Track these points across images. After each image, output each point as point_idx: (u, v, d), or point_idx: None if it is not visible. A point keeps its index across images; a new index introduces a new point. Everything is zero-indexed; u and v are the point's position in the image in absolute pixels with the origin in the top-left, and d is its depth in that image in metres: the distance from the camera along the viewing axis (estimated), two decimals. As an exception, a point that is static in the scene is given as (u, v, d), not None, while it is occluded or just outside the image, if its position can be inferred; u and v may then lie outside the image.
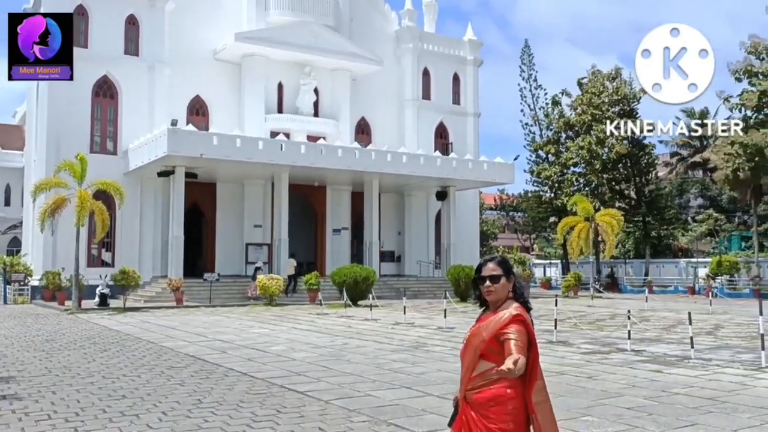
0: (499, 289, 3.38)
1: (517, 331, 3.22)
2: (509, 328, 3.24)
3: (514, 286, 3.41)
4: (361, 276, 25.05)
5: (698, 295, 35.41)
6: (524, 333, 3.24)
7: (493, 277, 3.39)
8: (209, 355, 11.95)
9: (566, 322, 18.40)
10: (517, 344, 3.18)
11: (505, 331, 3.24)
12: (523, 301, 3.39)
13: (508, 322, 3.27)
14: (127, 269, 24.03)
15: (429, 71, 39.65)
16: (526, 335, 3.25)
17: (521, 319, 3.27)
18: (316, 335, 15.18)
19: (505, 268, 3.42)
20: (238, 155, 27.55)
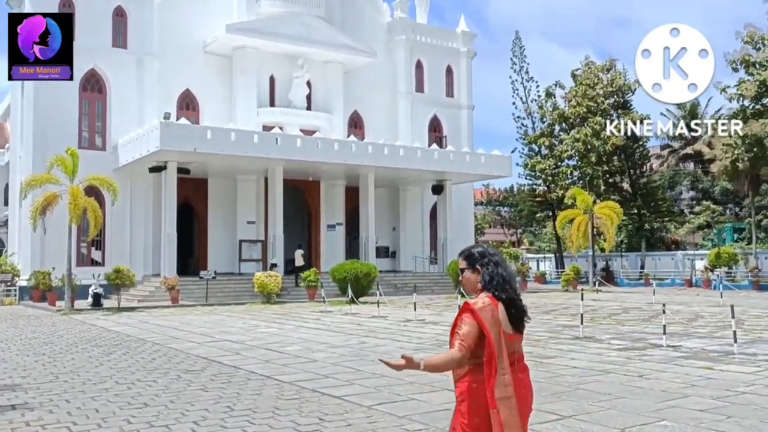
0: (465, 281, 3.38)
1: (466, 323, 3.15)
2: (460, 318, 3.20)
3: (482, 277, 3.31)
4: (362, 272, 24.43)
5: (696, 288, 35.20)
6: (473, 324, 3.13)
7: (461, 269, 3.41)
8: (223, 356, 11.28)
9: (579, 317, 17.90)
10: (459, 339, 3.13)
11: (458, 322, 3.19)
12: (493, 292, 3.25)
13: (460, 312, 3.22)
14: (122, 268, 23.23)
15: (422, 63, 39.04)
16: (476, 326, 3.13)
17: (470, 309, 3.17)
18: (328, 334, 14.54)
19: (470, 260, 3.37)
20: (233, 149, 26.78)
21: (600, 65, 42.96)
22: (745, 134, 32.23)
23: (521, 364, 3.31)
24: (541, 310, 20.61)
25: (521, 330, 3.32)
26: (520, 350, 3.36)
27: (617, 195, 42.69)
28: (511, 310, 3.25)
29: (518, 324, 3.28)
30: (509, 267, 3.42)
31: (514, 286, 3.37)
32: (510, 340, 3.21)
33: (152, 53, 31.04)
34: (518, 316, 3.28)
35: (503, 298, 3.24)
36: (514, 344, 3.26)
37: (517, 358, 3.29)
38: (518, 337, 3.30)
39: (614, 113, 42.63)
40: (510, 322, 3.23)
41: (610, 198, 40.53)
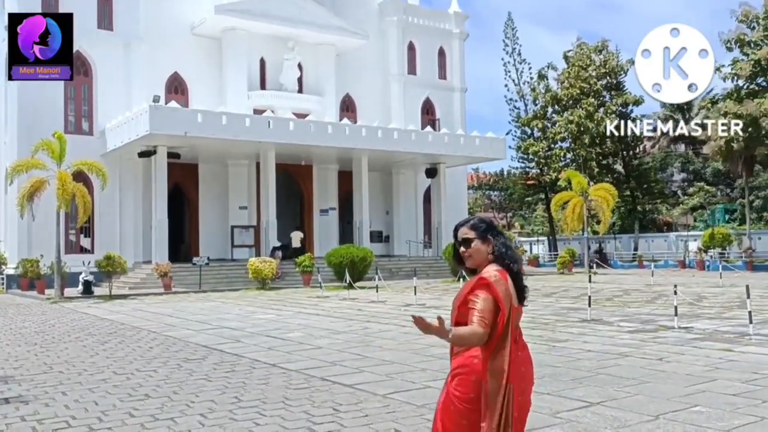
0: (474, 253, 3.17)
1: (482, 298, 3.00)
2: (474, 294, 3.03)
3: (493, 248, 3.14)
4: (358, 257, 24.06)
5: (690, 269, 35.16)
6: (489, 299, 2.99)
7: (465, 240, 3.18)
8: (223, 344, 10.90)
9: (581, 300, 17.67)
10: (478, 314, 2.97)
11: (471, 297, 3.04)
12: (505, 264, 3.12)
13: (473, 287, 3.06)
14: (113, 254, 22.72)
15: (414, 45, 38.53)
16: (492, 301, 3.00)
17: (485, 282, 3.02)
18: (329, 320, 14.18)
19: (479, 230, 3.18)
20: (224, 133, 26.26)
21: (592, 46, 42.62)
22: (741, 114, 32.04)
23: (522, 341, 3.19)
24: (541, 293, 20.36)
25: (524, 302, 3.21)
26: (519, 323, 3.23)
27: (610, 177, 42.52)
28: (518, 282, 3.14)
29: (523, 296, 3.17)
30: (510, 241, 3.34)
31: (519, 261, 3.26)
32: (516, 312, 3.12)
33: (139, 36, 30.35)
34: (523, 287, 3.17)
35: (513, 270, 3.13)
36: (518, 317, 3.16)
37: (519, 332, 3.19)
38: (521, 310, 3.19)
39: (607, 94, 42.39)
40: (517, 293, 3.12)
41: (604, 180, 40.34)
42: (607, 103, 41.46)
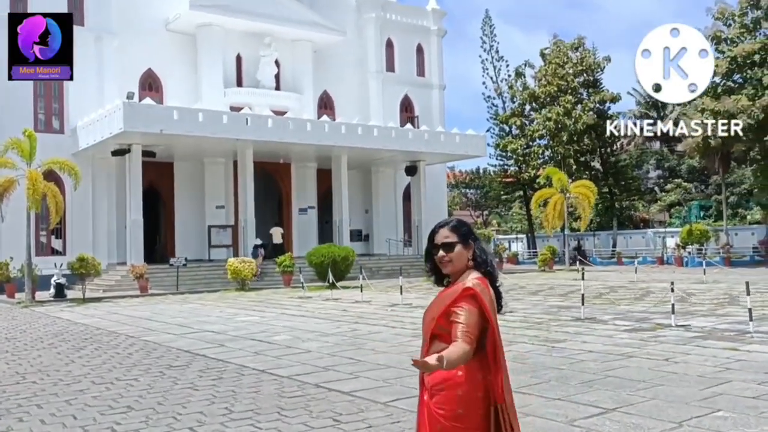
0: (455, 258, 2.84)
1: (467, 310, 2.69)
2: (458, 306, 2.71)
3: (474, 254, 2.86)
4: (340, 256, 23.60)
5: (668, 265, 35.28)
6: (475, 312, 2.69)
7: (447, 245, 2.84)
8: (207, 349, 10.41)
9: (570, 297, 17.46)
10: (463, 329, 2.65)
11: (455, 309, 2.71)
12: (486, 271, 2.84)
13: (457, 298, 2.74)
14: (86, 256, 21.98)
15: (393, 42, 38.11)
16: (478, 314, 2.70)
17: (471, 293, 2.72)
18: (315, 321, 13.74)
19: (460, 233, 2.87)
20: (201, 131, 25.61)
21: (569, 44, 42.58)
22: (718, 111, 32.15)
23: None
24: (527, 291, 20.12)
25: (501, 309, 2.91)
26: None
27: (588, 174, 42.54)
28: (497, 289, 2.88)
29: (500, 305, 2.88)
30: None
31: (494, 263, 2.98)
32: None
33: (111, 30, 29.52)
34: (500, 296, 2.90)
35: (494, 277, 2.86)
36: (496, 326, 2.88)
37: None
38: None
39: (584, 91, 42.40)
40: (496, 300, 2.85)
41: (582, 177, 40.35)
42: (585, 101, 41.44)
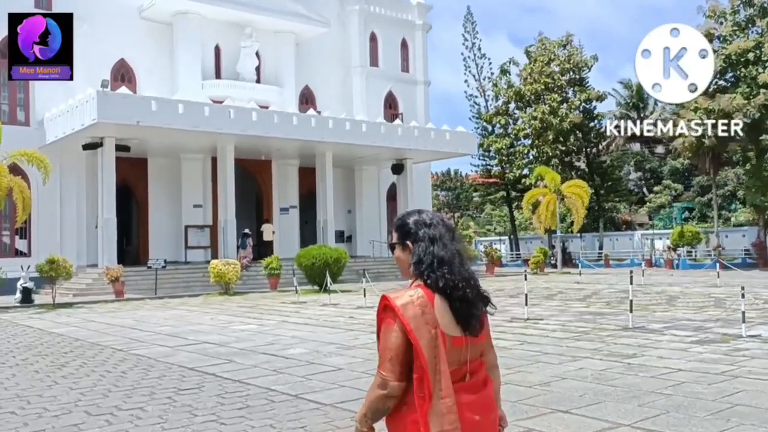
0: (398, 261, 2.38)
1: (383, 330, 2.20)
2: (378, 324, 2.24)
3: (412, 258, 2.28)
4: (332, 258, 22.10)
5: (657, 268, 34.55)
6: (392, 330, 2.16)
7: (390, 246, 2.44)
8: (214, 366, 8.88)
9: (592, 302, 16.27)
10: (380, 356, 2.19)
11: (379, 328, 2.23)
12: (429, 280, 2.22)
13: (378, 314, 2.25)
14: (56, 257, 20.09)
15: (376, 36, 36.73)
16: (399, 332, 2.15)
17: (384, 305, 2.21)
18: (325, 331, 12.25)
19: (401, 232, 2.35)
20: (181, 123, 23.88)
21: (556, 41, 41.70)
22: (712, 109, 31.50)
23: (476, 378, 2.29)
24: (539, 295, 18.86)
25: (475, 330, 2.29)
26: (479, 357, 2.33)
27: (573, 174, 41.67)
28: (455, 303, 2.24)
29: (467, 322, 2.26)
30: (455, 243, 2.35)
31: (460, 269, 2.30)
32: (457, 345, 2.24)
33: (81, 16, 27.33)
34: (466, 311, 2.26)
35: (439, 286, 2.24)
36: (464, 351, 2.26)
37: (471, 369, 2.28)
38: (471, 341, 2.28)
39: (570, 90, 41.56)
40: (456, 320, 2.24)
41: (568, 177, 39.46)
42: (571, 99, 40.59)
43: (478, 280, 2.34)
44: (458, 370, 2.23)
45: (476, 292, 2.31)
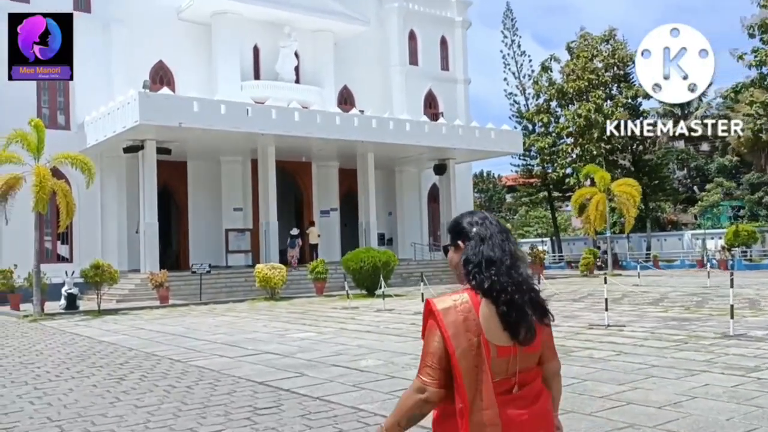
0: (450, 264, 2.31)
1: (427, 336, 2.11)
2: (423, 327, 2.16)
3: (466, 257, 2.17)
4: (381, 261, 21.31)
5: (711, 269, 33.15)
6: (434, 335, 2.08)
7: (444, 248, 2.36)
8: (285, 380, 8.11)
9: (667, 306, 15.25)
10: (422, 361, 2.11)
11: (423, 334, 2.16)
12: (474, 281, 2.12)
13: (423, 321, 2.17)
14: (101, 262, 19.61)
15: (415, 34, 35.93)
16: (439, 337, 2.06)
17: (428, 309, 2.12)
18: (393, 340, 11.45)
19: (453, 234, 2.29)
20: (223, 124, 23.32)
21: (598, 36, 40.51)
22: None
23: (527, 391, 2.08)
24: (603, 298, 17.80)
25: (525, 339, 2.07)
26: (533, 368, 2.13)
27: (619, 173, 40.39)
28: (502, 308, 2.05)
29: (515, 330, 2.06)
30: (508, 244, 2.16)
31: (510, 271, 2.11)
32: (504, 355, 2.05)
33: (120, 19, 27.25)
34: (514, 317, 2.05)
35: (484, 288, 2.07)
36: (512, 361, 2.06)
37: (520, 381, 2.08)
38: (519, 351, 2.08)
39: (615, 86, 40.33)
40: (503, 326, 2.05)
41: (614, 176, 38.23)
42: (617, 96, 39.34)
43: (533, 286, 2.17)
44: (505, 380, 2.09)
45: (528, 298, 2.12)
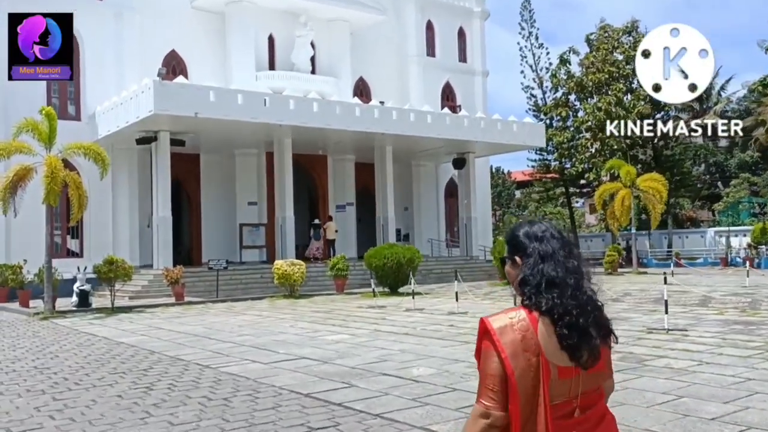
0: (508, 277, 2.10)
1: (484, 358, 1.94)
2: (479, 351, 1.98)
3: (524, 277, 1.99)
4: (405, 258, 20.43)
5: (734, 267, 32.26)
6: (491, 355, 1.91)
7: (502, 259, 2.19)
8: (333, 391, 7.26)
9: (712, 308, 14.36)
10: (480, 382, 1.95)
11: (477, 354, 1.99)
12: (529, 302, 1.96)
13: (477, 341, 1.99)
14: (115, 258, 18.75)
15: (433, 25, 34.98)
16: (495, 361, 1.90)
17: (483, 329, 1.95)
18: (435, 343, 10.58)
19: (511, 245, 2.09)
20: (240, 114, 22.43)
21: (620, 28, 39.47)
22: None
23: (590, 414, 1.94)
24: (640, 297, 16.96)
25: (585, 361, 1.91)
26: (596, 389, 1.97)
27: (640, 167, 39.37)
28: (563, 330, 1.90)
29: (574, 353, 1.89)
30: (571, 260, 1.99)
31: (574, 292, 1.94)
32: (565, 377, 1.91)
33: (132, 7, 26.37)
34: (575, 341, 1.90)
35: (543, 309, 1.92)
36: (574, 383, 1.92)
37: (582, 404, 1.93)
38: (581, 374, 1.92)
39: (635, 79, 39.27)
40: (561, 348, 1.90)
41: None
42: (637, 89, 38.30)
43: (598, 305, 1.96)
44: (565, 403, 1.92)
45: (592, 319, 1.92)
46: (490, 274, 26.05)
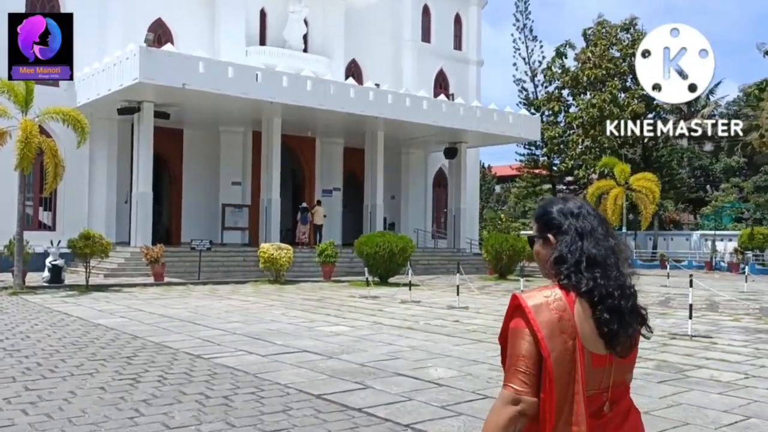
0: (536, 257, 1.94)
1: (515, 333, 1.75)
2: (506, 325, 1.81)
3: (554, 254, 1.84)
4: (397, 246, 19.60)
5: (719, 271, 32.00)
6: (523, 334, 1.73)
7: (529, 239, 1.99)
8: (347, 393, 6.41)
9: (724, 313, 13.77)
10: (509, 364, 1.76)
11: (504, 332, 1.82)
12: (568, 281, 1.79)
13: (506, 315, 1.82)
14: (92, 232, 17.66)
15: (429, 9, 34.06)
16: (529, 337, 1.72)
17: (519, 306, 1.76)
18: (443, 340, 9.77)
19: (542, 223, 1.92)
20: (230, 89, 21.35)
21: (618, 24, 38.93)
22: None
23: (619, 409, 1.80)
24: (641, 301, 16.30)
25: (622, 350, 1.76)
26: (624, 381, 1.82)
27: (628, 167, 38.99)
28: (603, 314, 1.73)
29: (612, 339, 1.74)
30: (610, 239, 1.84)
31: (616, 273, 1.79)
32: (599, 365, 1.76)
33: (117, -30, 25.07)
34: (616, 327, 1.73)
35: (582, 290, 1.76)
36: (606, 373, 1.77)
37: (612, 397, 1.78)
38: (615, 362, 1.77)
39: (630, 78, 38.85)
40: (599, 333, 1.74)
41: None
42: (632, 87, 37.84)
43: (635, 289, 1.82)
44: (597, 396, 1.76)
45: (632, 304, 1.78)
46: (478, 268, 25.33)
